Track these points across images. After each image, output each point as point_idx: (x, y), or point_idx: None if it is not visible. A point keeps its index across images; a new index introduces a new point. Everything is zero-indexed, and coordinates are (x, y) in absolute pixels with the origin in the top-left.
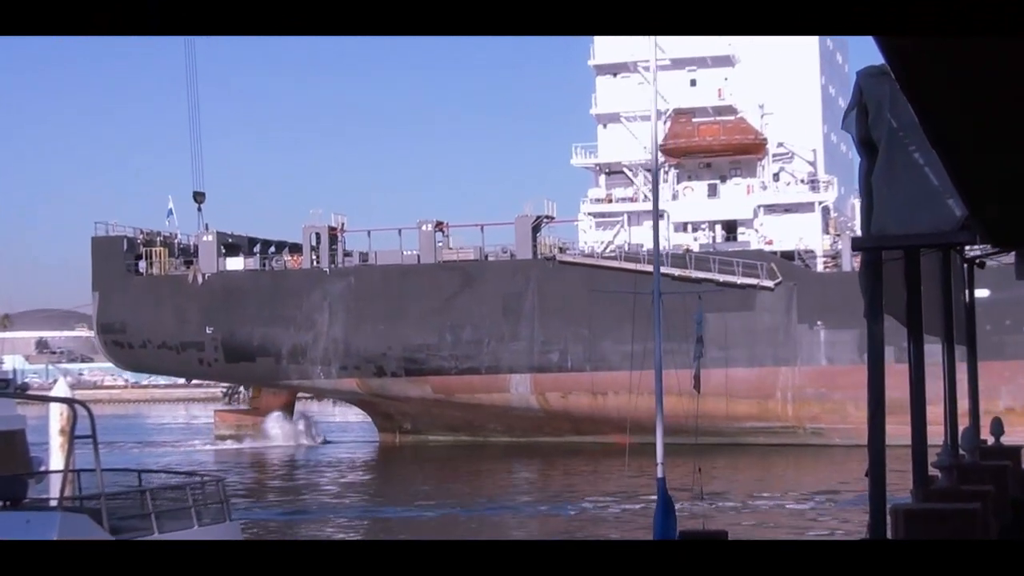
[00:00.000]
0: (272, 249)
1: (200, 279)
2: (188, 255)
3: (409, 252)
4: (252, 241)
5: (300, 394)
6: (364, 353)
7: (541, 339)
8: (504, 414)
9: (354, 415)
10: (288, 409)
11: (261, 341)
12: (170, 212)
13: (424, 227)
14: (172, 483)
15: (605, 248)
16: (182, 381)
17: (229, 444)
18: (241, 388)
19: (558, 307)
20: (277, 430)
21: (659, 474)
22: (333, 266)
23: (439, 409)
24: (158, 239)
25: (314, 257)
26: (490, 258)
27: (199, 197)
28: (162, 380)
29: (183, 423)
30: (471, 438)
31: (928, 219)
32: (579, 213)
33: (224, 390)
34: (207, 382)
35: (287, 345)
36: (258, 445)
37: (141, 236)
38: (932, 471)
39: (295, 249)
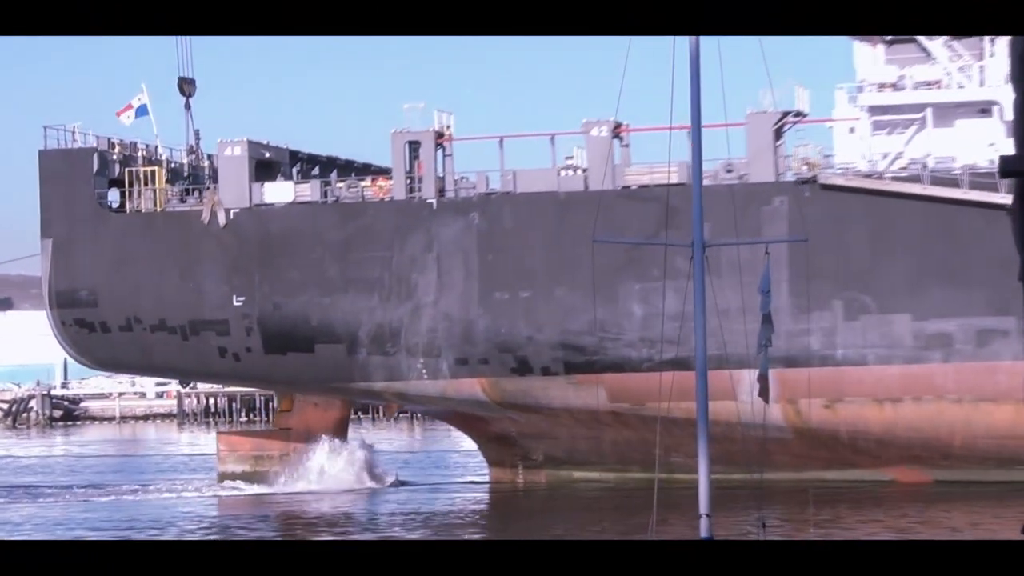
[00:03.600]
0: (315, 170)
1: (222, 218)
2: (183, 179)
3: (568, 172)
4: (296, 157)
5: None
6: (496, 338)
7: (793, 311)
8: (723, 436)
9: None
10: (338, 431)
11: (323, 319)
12: (143, 109)
13: (595, 131)
14: None
15: (891, 163)
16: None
17: (241, 487)
18: (32, 403)
19: (823, 258)
20: (320, 465)
21: (703, 531)
22: (443, 196)
23: (610, 428)
24: (140, 154)
25: (409, 181)
26: (704, 180)
27: (187, 86)
28: None
29: None
30: (646, 474)
31: None
32: (835, 107)
33: (5, 408)
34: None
35: (367, 325)
36: (290, 490)
37: (116, 149)
38: None
39: (368, 170)
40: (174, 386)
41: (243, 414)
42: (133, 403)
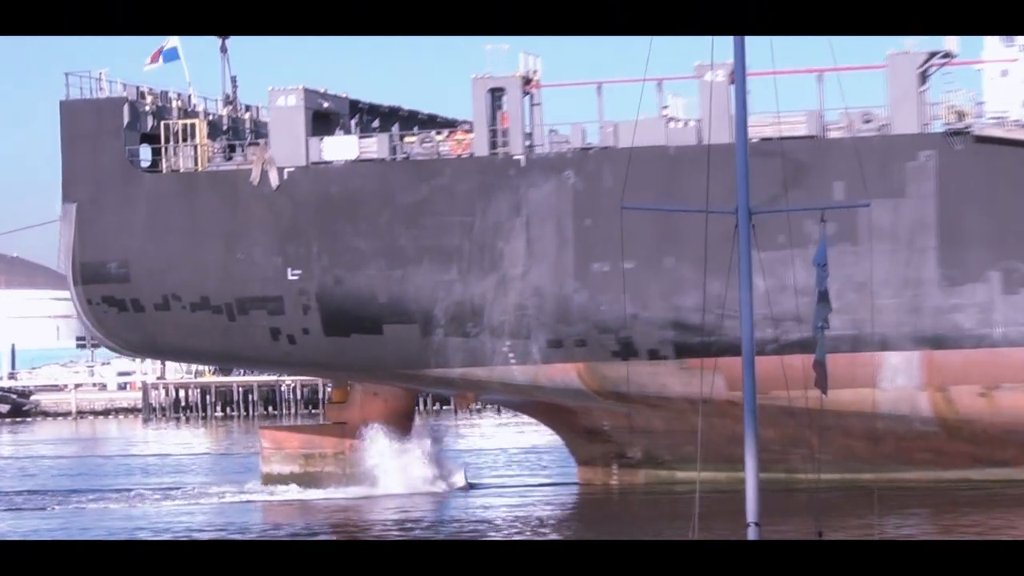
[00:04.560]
0: (375, 123)
1: (274, 178)
2: (222, 134)
3: (679, 124)
4: (355, 108)
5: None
6: (595, 316)
7: (942, 283)
8: (856, 429)
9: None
10: (403, 424)
11: (394, 296)
12: (172, 53)
13: (708, 76)
14: None
15: None
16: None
17: (289, 491)
18: None
19: (977, 220)
20: (381, 466)
21: (751, 538)
22: (532, 151)
23: (723, 420)
24: (174, 104)
25: (492, 134)
26: (834, 133)
27: None
28: None
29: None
30: (766, 475)
31: None
32: (984, 48)
33: None
34: None
35: (444, 302)
36: (348, 495)
37: (148, 99)
38: None
39: (435, 122)
40: (138, 376)
41: (219, 408)
42: (92, 396)
